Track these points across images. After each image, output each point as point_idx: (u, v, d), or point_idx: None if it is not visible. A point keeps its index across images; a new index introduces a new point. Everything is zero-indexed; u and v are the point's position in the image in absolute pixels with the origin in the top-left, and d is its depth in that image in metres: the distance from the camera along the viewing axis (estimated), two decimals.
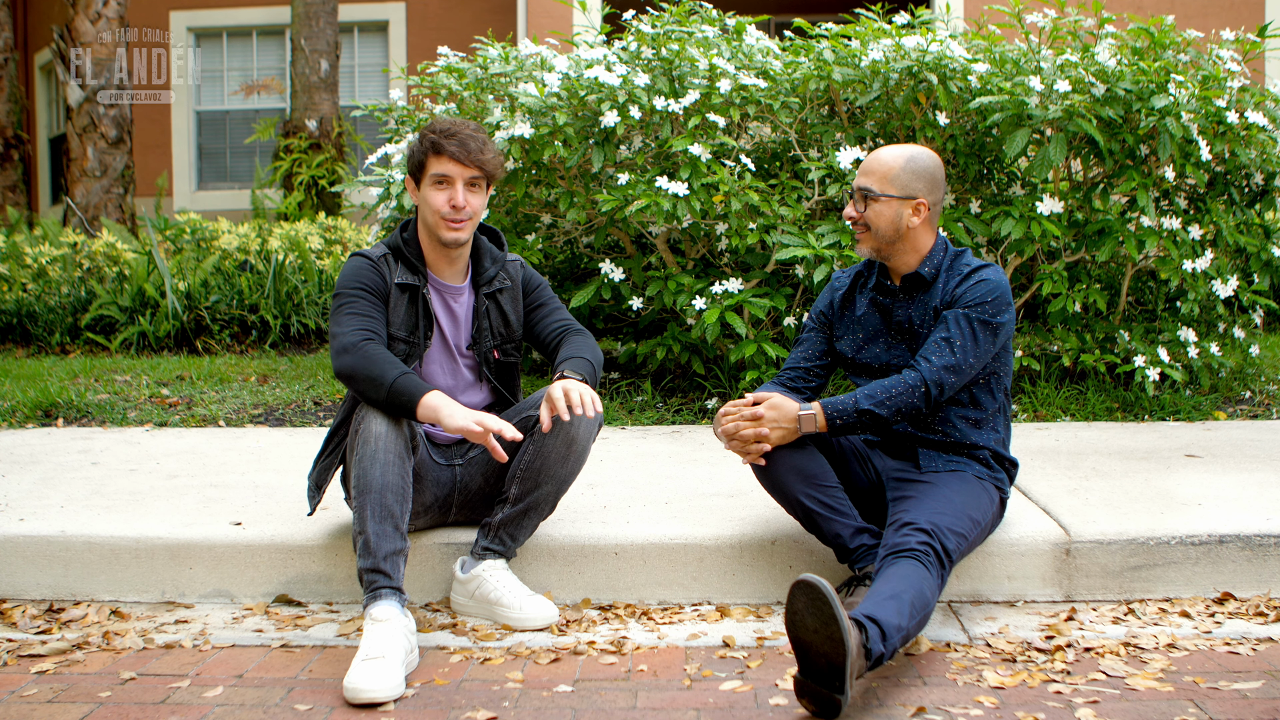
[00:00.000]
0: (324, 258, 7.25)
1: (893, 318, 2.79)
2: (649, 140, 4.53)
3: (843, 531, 2.64)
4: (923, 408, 2.64)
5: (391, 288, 2.75)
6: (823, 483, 2.66)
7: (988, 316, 2.65)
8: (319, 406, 4.80)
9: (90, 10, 8.80)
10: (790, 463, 2.66)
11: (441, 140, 2.70)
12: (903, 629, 2.25)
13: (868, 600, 2.30)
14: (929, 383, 2.61)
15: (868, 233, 2.74)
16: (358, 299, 2.71)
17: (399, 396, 2.54)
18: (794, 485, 2.65)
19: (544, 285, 2.95)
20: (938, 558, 2.42)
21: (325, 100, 10.17)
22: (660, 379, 4.88)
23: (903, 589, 2.31)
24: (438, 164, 2.71)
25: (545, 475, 2.72)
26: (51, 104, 14.01)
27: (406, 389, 2.55)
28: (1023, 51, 4.51)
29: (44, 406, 4.77)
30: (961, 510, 2.56)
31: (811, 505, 2.65)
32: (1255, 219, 4.72)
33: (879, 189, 2.71)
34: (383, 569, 2.47)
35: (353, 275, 2.74)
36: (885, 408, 2.62)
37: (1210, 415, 4.41)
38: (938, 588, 2.40)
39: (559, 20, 9.58)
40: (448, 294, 2.83)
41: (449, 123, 2.75)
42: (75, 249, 7.29)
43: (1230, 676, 2.31)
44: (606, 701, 2.24)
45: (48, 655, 2.53)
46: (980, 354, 2.66)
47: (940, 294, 2.73)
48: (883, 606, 2.26)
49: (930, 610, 2.36)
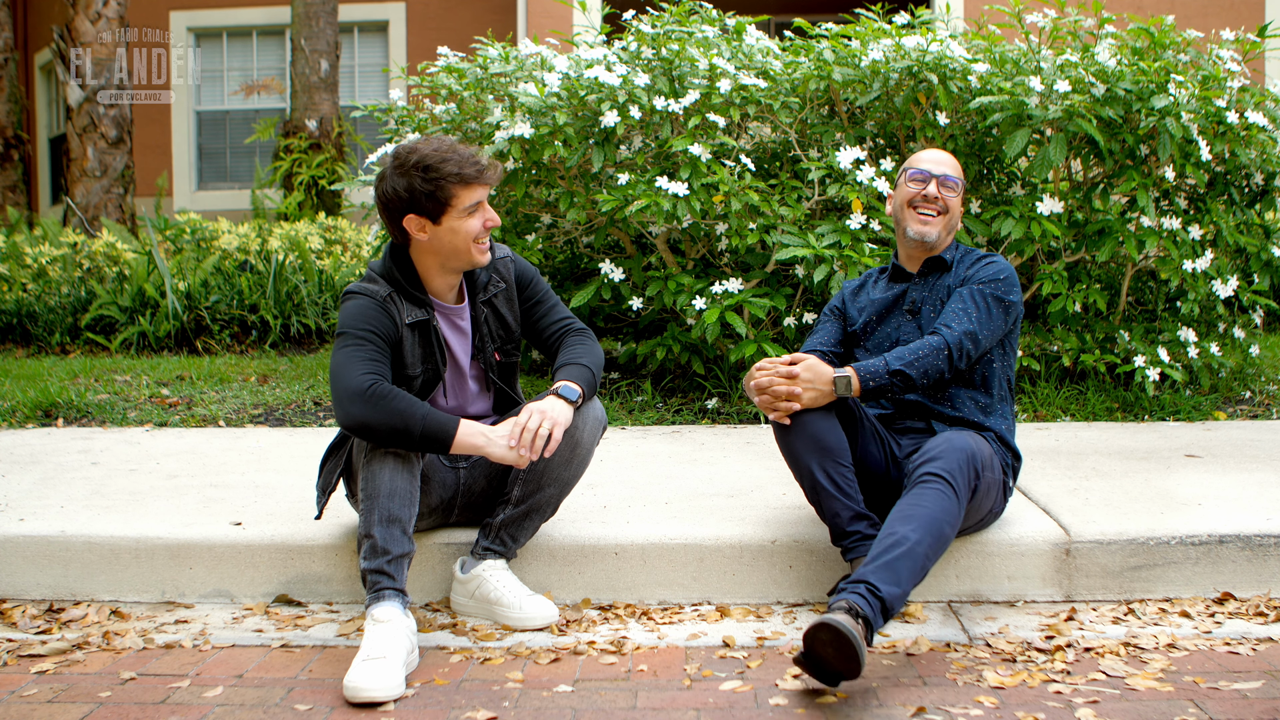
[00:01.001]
0: (324, 258, 7.25)
1: (906, 298, 2.93)
2: (649, 140, 4.53)
3: (842, 513, 2.65)
4: (946, 370, 2.72)
5: (402, 329, 2.67)
6: (837, 459, 2.67)
7: (1000, 293, 2.80)
8: (319, 406, 4.80)
9: (90, 10, 8.80)
10: (811, 430, 2.67)
11: (463, 169, 2.59)
12: (905, 594, 2.35)
13: (881, 551, 2.37)
14: (951, 345, 2.71)
15: (943, 216, 2.89)
16: (365, 341, 2.60)
17: (430, 442, 2.53)
18: (808, 455, 2.67)
19: (537, 279, 2.89)
20: (951, 486, 2.50)
21: (325, 100, 10.17)
22: (660, 379, 4.88)
23: (919, 538, 2.38)
24: (468, 194, 2.61)
25: (548, 478, 2.72)
26: (51, 104, 14.01)
27: (437, 433, 2.52)
28: (1023, 51, 4.51)
29: (44, 406, 4.77)
30: (973, 447, 2.62)
31: (820, 479, 2.66)
32: (1255, 219, 4.72)
33: (958, 177, 2.91)
34: (387, 570, 2.47)
35: (358, 314, 2.64)
36: (914, 368, 2.69)
37: (1210, 415, 4.41)
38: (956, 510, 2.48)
39: (559, 20, 9.58)
40: (453, 315, 2.79)
41: (448, 152, 2.62)
42: (75, 249, 7.29)
43: (1230, 676, 2.31)
44: (606, 701, 2.24)
45: (48, 655, 2.53)
46: (994, 327, 2.78)
47: (954, 277, 2.89)
48: (896, 569, 2.33)
49: (947, 537, 2.46)
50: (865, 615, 2.24)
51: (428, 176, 2.59)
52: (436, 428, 2.52)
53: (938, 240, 2.90)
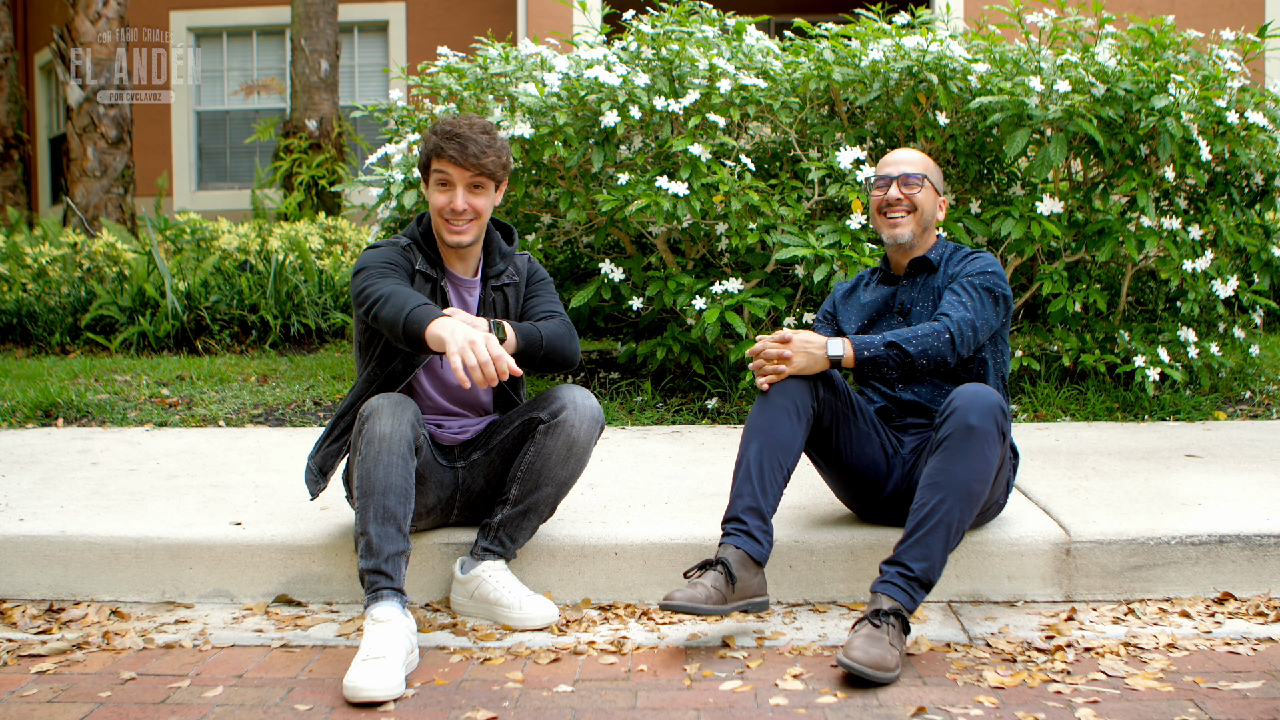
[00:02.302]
0: (324, 258, 7.25)
1: (896, 299, 2.93)
2: (649, 140, 4.53)
3: (745, 498, 2.58)
4: (948, 355, 2.68)
5: (416, 275, 2.75)
6: (776, 453, 2.61)
7: (990, 285, 2.79)
8: (319, 406, 4.80)
9: (90, 10, 8.79)
10: (771, 417, 2.63)
11: (443, 142, 2.69)
12: (942, 563, 2.46)
13: (914, 527, 2.45)
14: (951, 330, 2.69)
15: (913, 214, 2.87)
16: (387, 273, 2.68)
17: (412, 325, 2.51)
18: (755, 435, 2.63)
19: (547, 280, 2.94)
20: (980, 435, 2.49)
21: (325, 100, 10.17)
22: (660, 379, 4.88)
23: (950, 505, 2.45)
24: (439, 164, 2.71)
25: (545, 477, 2.72)
26: (51, 104, 14.01)
27: (419, 319, 2.51)
28: (1023, 51, 4.51)
29: (44, 406, 4.77)
30: (997, 397, 2.60)
31: (749, 460, 2.61)
32: (1255, 219, 4.72)
33: (922, 172, 2.88)
34: (384, 570, 2.47)
35: (379, 256, 2.74)
36: (912, 345, 2.66)
37: (1210, 415, 4.41)
38: (987, 460, 2.49)
39: (559, 20, 9.58)
40: (462, 288, 2.84)
41: (454, 122, 2.72)
42: (75, 249, 7.29)
43: (1230, 676, 2.31)
44: (606, 701, 2.24)
45: (48, 655, 2.53)
46: (987, 317, 2.76)
47: (942, 276, 2.88)
48: (927, 545, 2.43)
49: (978, 494, 2.49)
50: (893, 609, 2.38)
51: (426, 140, 2.74)
52: (422, 315, 2.51)
53: (914, 239, 2.89)
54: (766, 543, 2.56)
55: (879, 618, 2.38)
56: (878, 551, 2.80)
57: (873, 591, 2.44)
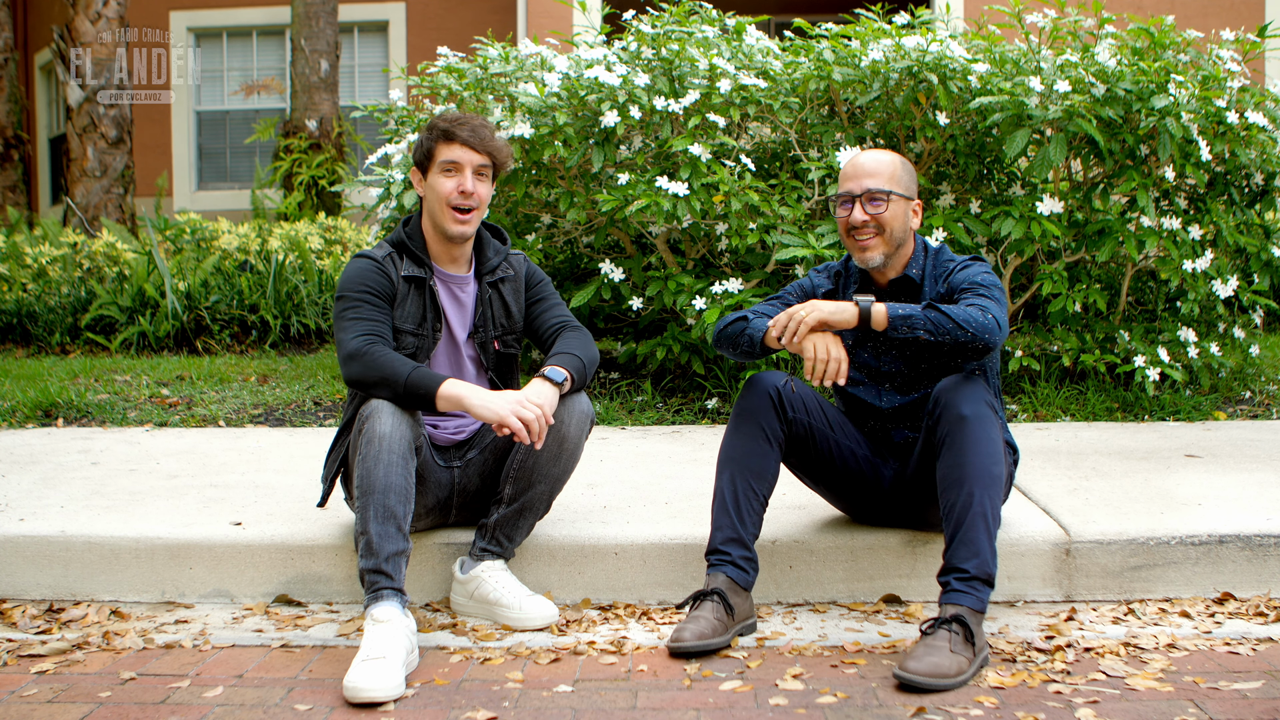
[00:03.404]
0: (324, 258, 7.25)
1: None
2: (649, 140, 4.53)
3: (724, 529, 2.59)
4: (985, 337, 2.46)
5: (398, 285, 2.74)
6: (750, 480, 2.60)
7: (995, 282, 2.65)
8: (319, 406, 4.80)
9: (90, 10, 8.79)
10: (742, 446, 2.62)
11: (453, 127, 2.71)
12: (992, 551, 2.42)
13: (952, 531, 2.42)
14: (995, 315, 2.50)
15: (880, 236, 2.67)
16: (361, 303, 2.68)
17: (416, 389, 2.54)
18: (724, 467, 2.63)
19: (546, 281, 2.95)
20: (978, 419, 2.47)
21: (325, 100, 10.17)
22: (660, 379, 4.88)
23: (978, 496, 2.41)
24: (448, 150, 2.71)
25: (538, 475, 2.72)
26: (51, 104, 14.01)
27: (422, 382, 2.55)
28: (1023, 51, 4.51)
29: (44, 406, 4.77)
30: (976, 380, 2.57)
31: (724, 491, 2.61)
32: (1255, 219, 4.72)
33: (889, 187, 2.66)
34: (384, 570, 2.47)
35: (356, 277, 2.72)
36: (952, 310, 2.48)
37: (1210, 415, 4.41)
38: (994, 440, 2.46)
39: (559, 20, 9.58)
40: (454, 284, 2.83)
41: (458, 114, 2.77)
42: (75, 249, 7.29)
43: (1230, 676, 2.31)
44: (606, 701, 2.24)
45: (48, 655, 2.53)
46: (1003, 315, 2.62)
47: (930, 292, 2.71)
48: (969, 542, 2.39)
49: (998, 475, 2.46)
50: (953, 615, 2.34)
51: (430, 130, 2.75)
52: (423, 379, 2.56)
53: (885, 261, 2.69)
54: (751, 570, 2.60)
55: (933, 626, 2.35)
56: (878, 552, 2.81)
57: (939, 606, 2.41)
